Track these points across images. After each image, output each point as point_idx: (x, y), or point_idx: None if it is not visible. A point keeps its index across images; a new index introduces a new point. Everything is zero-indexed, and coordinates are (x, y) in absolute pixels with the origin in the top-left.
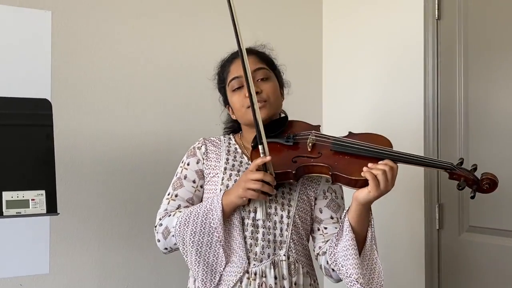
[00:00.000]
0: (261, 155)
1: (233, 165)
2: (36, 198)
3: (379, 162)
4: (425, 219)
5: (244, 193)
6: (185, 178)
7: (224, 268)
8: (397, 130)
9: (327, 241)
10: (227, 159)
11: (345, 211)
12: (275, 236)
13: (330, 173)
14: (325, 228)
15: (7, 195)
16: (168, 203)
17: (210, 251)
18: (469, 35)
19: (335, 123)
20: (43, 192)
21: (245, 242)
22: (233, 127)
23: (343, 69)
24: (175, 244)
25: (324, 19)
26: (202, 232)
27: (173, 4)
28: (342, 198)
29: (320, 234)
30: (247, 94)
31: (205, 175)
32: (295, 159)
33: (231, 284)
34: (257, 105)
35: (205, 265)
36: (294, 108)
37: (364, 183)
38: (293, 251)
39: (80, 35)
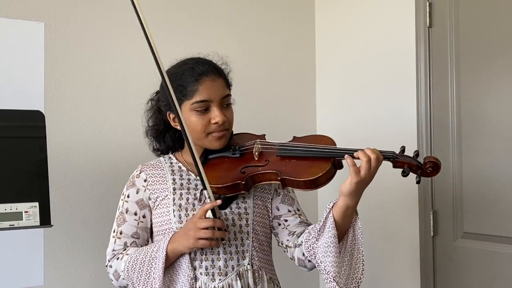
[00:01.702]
0: (207, 200)
1: (182, 184)
2: (30, 210)
3: (364, 149)
4: (420, 226)
5: (195, 243)
6: (126, 212)
7: None
8: (390, 138)
9: (293, 232)
10: (174, 179)
11: (328, 206)
12: (236, 247)
13: (279, 178)
14: (286, 220)
15: (0, 208)
16: (115, 242)
17: None
18: (460, 42)
19: (328, 132)
20: (36, 204)
21: (198, 267)
22: (164, 148)
23: (336, 77)
24: (127, 285)
25: (316, 27)
26: (146, 281)
27: (166, 16)
28: (293, 191)
29: (283, 228)
30: (213, 121)
31: (151, 200)
32: (243, 170)
33: None
34: (198, 160)
35: None
36: (289, 117)
37: (313, 183)
38: (256, 258)
39: (73, 47)
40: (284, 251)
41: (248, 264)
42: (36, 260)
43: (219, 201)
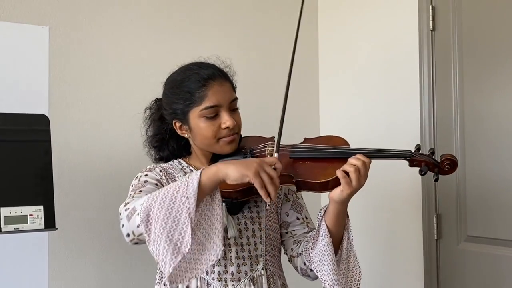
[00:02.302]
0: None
1: None
2: (34, 213)
3: (350, 158)
4: (423, 230)
5: (254, 176)
6: (145, 182)
7: (188, 249)
8: (394, 142)
9: (299, 241)
10: None
11: (319, 213)
12: (249, 251)
13: (293, 181)
14: (294, 230)
15: (5, 211)
16: (133, 197)
17: (176, 228)
18: (463, 45)
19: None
20: (41, 207)
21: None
22: (167, 155)
23: (339, 80)
24: (138, 226)
25: (319, 30)
26: (170, 207)
27: (171, 22)
28: (302, 197)
29: (290, 237)
30: (223, 126)
31: None
32: None
33: None
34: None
35: (167, 242)
36: (292, 119)
37: (328, 185)
38: (269, 264)
39: (77, 51)
40: (289, 261)
41: (262, 269)
42: (40, 263)
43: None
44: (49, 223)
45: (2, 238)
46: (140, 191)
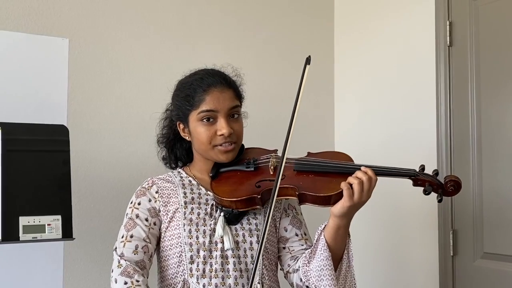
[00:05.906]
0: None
1: (193, 198)
2: (52, 223)
3: (357, 171)
4: (439, 246)
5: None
6: (137, 217)
7: None
8: (410, 157)
9: (296, 257)
10: (185, 193)
11: (319, 228)
12: (246, 264)
13: (296, 193)
14: (291, 246)
15: (24, 220)
16: (124, 245)
17: None
18: (481, 61)
19: (346, 150)
20: (59, 217)
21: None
22: (173, 159)
23: (355, 95)
24: None
25: (335, 46)
26: None
27: (189, 33)
28: (301, 213)
29: (287, 252)
30: (218, 133)
31: (162, 212)
32: (258, 184)
33: None
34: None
35: None
36: (306, 134)
37: (331, 199)
38: (266, 277)
39: (96, 62)
40: (285, 277)
41: (259, 283)
42: (55, 273)
43: None
44: (67, 232)
45: (18, 247)
46: (132, 236)
